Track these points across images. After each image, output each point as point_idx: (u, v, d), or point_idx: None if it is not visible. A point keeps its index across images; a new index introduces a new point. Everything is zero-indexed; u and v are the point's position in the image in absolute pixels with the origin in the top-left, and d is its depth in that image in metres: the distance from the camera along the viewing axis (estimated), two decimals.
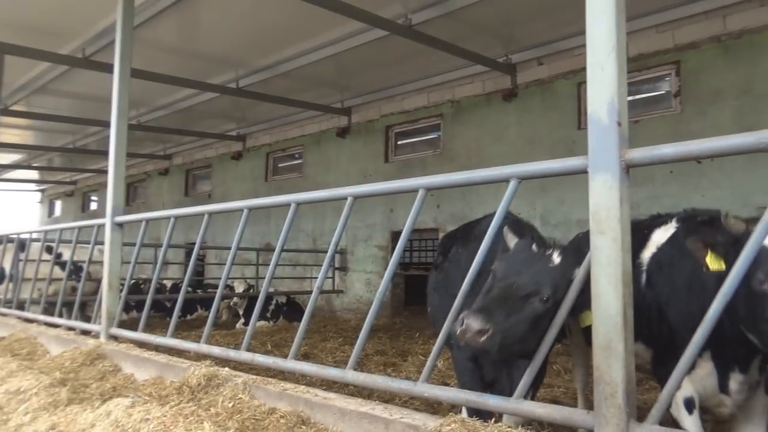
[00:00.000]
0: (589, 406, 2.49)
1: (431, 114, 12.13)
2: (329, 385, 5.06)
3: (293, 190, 5.13)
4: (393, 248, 11.73)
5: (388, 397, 4.99)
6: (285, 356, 3.98)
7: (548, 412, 2.54)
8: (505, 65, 10.43)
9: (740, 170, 7.75)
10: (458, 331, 2.44)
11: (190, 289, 11.22)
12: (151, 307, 5.74)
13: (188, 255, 14.36)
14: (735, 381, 2.90)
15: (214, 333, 9.28)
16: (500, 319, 2.45)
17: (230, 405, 3.47)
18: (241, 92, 11.67)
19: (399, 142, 12.97)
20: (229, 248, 4.72)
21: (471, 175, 3.14)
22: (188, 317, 11.75)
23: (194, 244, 5.03)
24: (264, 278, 4.89)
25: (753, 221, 2.11)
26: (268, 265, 4.38)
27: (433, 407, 4.75)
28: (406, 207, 3.29)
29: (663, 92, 9.13)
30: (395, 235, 12.18)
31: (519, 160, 3.24)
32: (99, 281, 6.76)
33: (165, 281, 12.74)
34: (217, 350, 4.58)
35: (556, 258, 2.69)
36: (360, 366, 6.48)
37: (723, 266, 2.57)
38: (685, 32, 8.65)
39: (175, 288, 12.25)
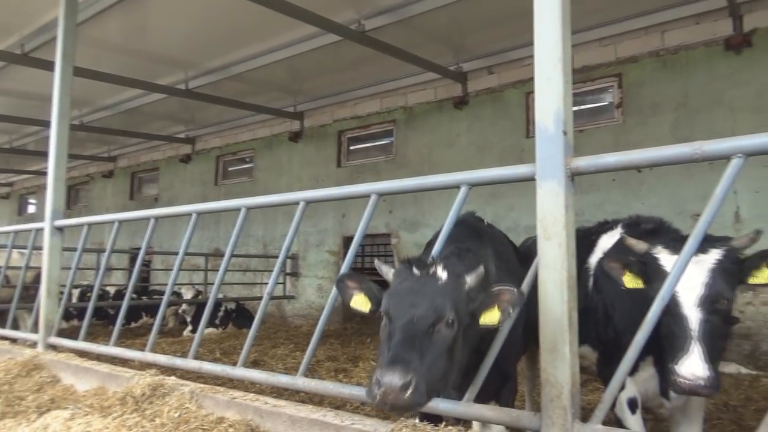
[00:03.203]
0: (537, 408, 2.54)
1: (384, 120, 12.19)
2: (280, 392, 4.99)
3: (243, 194, 5.07)
4: (345, 253, 11.68)
5: (339, 404, 4.96)
6: (234, 364, 3.91)
7: (497, 414, 2.58)
8: (457, 73, 10.61)
9: (677, 179, 8.13)
10: (377, 397, 2.06)
11: (134, 295, 10.86)
12: (94, 314, 5.53)
13: (133, 260, 13.91)
14: None
15: (160, 341, 9.01)
16: (417, 364, 2.13)
17: (176, 415, 3.37)
18: (191, 94, 11.42)
19: (351, 147, 12.97)
20: (176, 253, 4.60)
21: (423, 181, 3.17)
22: (133, 325, 11.35)
23: (139, 249, 4.88)
24: (213, 284, 4.79)
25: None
26: (217, 270, 4.29)
27: (384, 413, 4.75)
28: (358, 212, 3.28)
29: (606, 103, 9.48)
30: (347, 240, 12.16)
31: (470, 166, 3.30)
32: (19, 287, 6.43)
33: (108, 288, 12.28)
34: (163, 358, 4.45)
35: (442, 274, 2.41)
36: (311, 372, 6.42)
37: (640, 284, 2.73)
38: (627, 46, 9.03)
39: (119, 294, 11.83)
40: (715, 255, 2.56)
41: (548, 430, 2.39)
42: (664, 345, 2.59)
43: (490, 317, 2.42)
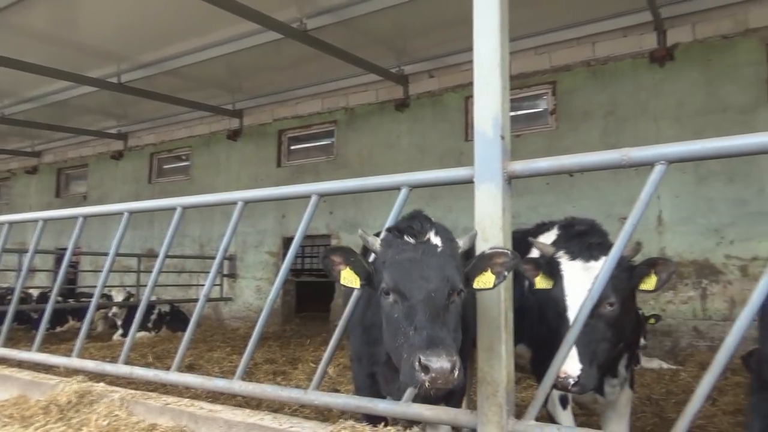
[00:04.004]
0: (473, 406, 2.60)
1: (325, 120, 12.14)
2: (216, 396, 4.87)
3: (179, 193, 4.91)
4: (284, 254, 11.56)
5: (277, 407, 4.89)
6: (168, 368, 3.78)
7: (435, 413, 2.62)
8: (398, 76, 10.70)
9: (606, 183, 8.52)
10: (425, 383, 1.99)
11: (60, 298, 10.33)
12: (15, 318, 5.21)
13: (59, 261, 13.21)
14: (609, 384, 3.19)
15: (88, 346, 8.60)
16: (451, 341, 2.09)
17: (105, 423, 3.23)
18: (123, 88, 10.97)
19: (292, 147, 12.84)
20: (106, 254, 4.41)
21: (364, 182, 3.18)
22: (58, 329, 10.77)
23: (66, 249, 4.64)
24: (146, 286, 4.62)
25: None
26: (151, 272, 4.14)
27: (324, 414, 4.72)
28: (298, 213, 3.25)
29: (541, 109, 9.83)
30: (287, 241, 12.03)
31: (410, 168, 3.33)
32: None
33: (31, 290, 11.61)
34: (91, 364, 4.25)
35: (437, 240, 2.34)
36: (249, 376, 6.30)
37: (550, 284, 2.86)
38: (560, 55, 9.39)
39: (43, 297, 11.20)
40: (602, 263, 2.69)
41: (484, 427, 2.44)
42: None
43: (485, 281, 2.35)
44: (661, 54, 8.48)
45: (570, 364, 2.51)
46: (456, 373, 1.99)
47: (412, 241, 2.31)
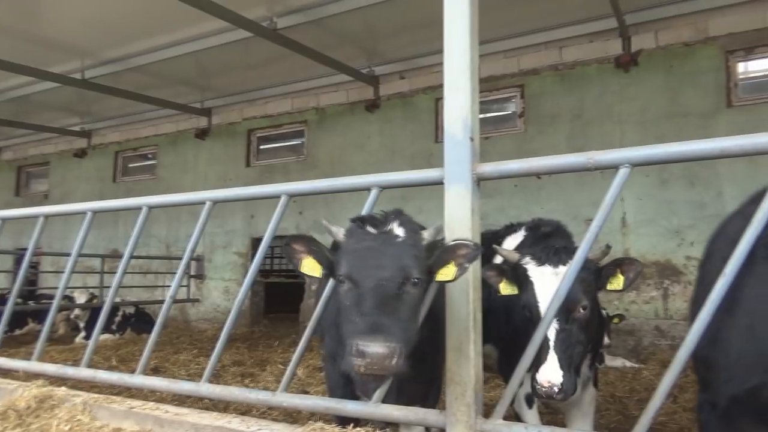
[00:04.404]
0: (442, 406, 2.61)
1: (295, 120, 12.06)
2: (182, 400, 4.79)
3: (145, 192, 4.82)
4: (253, 255, 11.44)
5: (245, 409, 4.84)
6: (132, 371, 3.70)
7: (404, 414, 2.63)
8: (369, 76, 10.70)
9: (572, 186, 8.68)
10: (360, 366, 1.97)
11: (20, 300, 10.01)
12: None
13: (18, 262, 12.81)
14: None
15: (49, 349, 8.36)
16: (395, 329, 2.07)
17: (67, 428, 3.14)
18: (87, 84, 10.69)
19: (261, 147, 12.72)
20: (68, 254, 4.29)
21: (334, 183, 3.17)
22: (17, 332, 10.44)
23: (26, 249, 4.50)
24: (110, 287, 4.49)
25: None
26: (115, 273, 4.05)
27: (293, 417, 4.69)
28: (267, 213, 3.21)
29: (510, 112, 9.96)
30: (256, 242, 11.91)
31: (380, 169, 3.34)
32: None
33: None
34: (52, 368, 4.13)
35: (399, 230, 2.33)
36: (216, 378, 6.21)
37: (515, 290, 2.91)
38: (529, 59, 9.53)
39: (2, 299, 10.84)
40: (572, 266, 2.75)
41: (453, 427, 2.46)
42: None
43: (446, 273, 2.37)
44: (625, 60, 8.69)
45: (552, 373, 2.54)
46: (395, 359, 1.96)
47: (373, 231, 2.32)
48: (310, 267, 2.46)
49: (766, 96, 8.03)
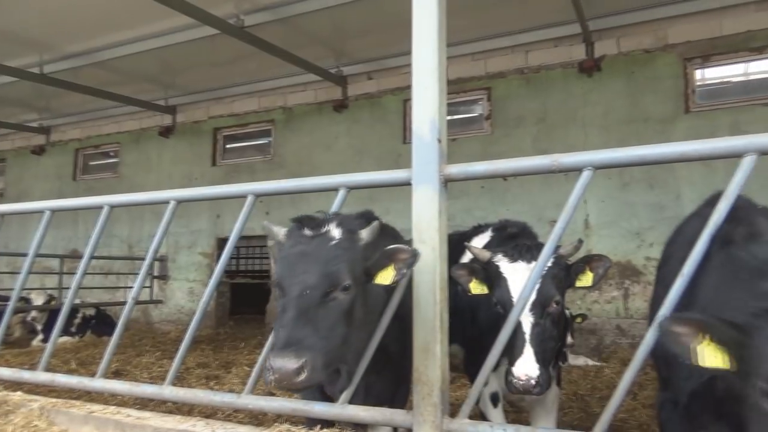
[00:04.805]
0: (410, 406, 2.62)
1: (262, 119, 11.95)
2: (144, 403, 4.70)
3: (107, 191, 4.70)
4: (219, 255, 11.27)
5: (210, 412, 4.77)
6: (93, 375, 3.60)
7: (371, 414, 2.63)
8: (337, 76, 10.67)
9: (537, 188, 8.83)
10: (271, 382, 1.99)
11: None
12: None
13: None
14: None
15: (3, 352, 8.07)
16: (312, 341, 2.04)
17: None
18: (46, 79, 10.36)
19: (227, 146, 12.56)
20: (25, 255, 4.16)
21: (301, 183, 3.15)
22: None
23: None
24: (69, 289, 4.35)
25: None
26: (74, 273, 3.94)
27: (258, 419, 4.64)
28: (234, 213, 3.18)
29: (477, 114, 10.07)
30: (221, 242, 11.74)
31: (348, 169, 3.33)
32: None
33: None
34: (7, 372, 3.99)
35: (335, 232, 2.30)
36: (180, 381, 6.11)
37: (485, 290, 2.95)
38: (495, 62, 9.66)
39: None
40: (547, 262, 2.81)
41: (420, 427, 2.47)
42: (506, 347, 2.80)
43: (384, 276, 2.37)
44: (589, 65, 8.88)
45: (529, 366, 2.57)
46: (304, 374, 1.97)
47: (308, 233, 2.29)
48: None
49: (721, 103, 8.33)
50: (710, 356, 1.75)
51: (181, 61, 10.17)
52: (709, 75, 8.60)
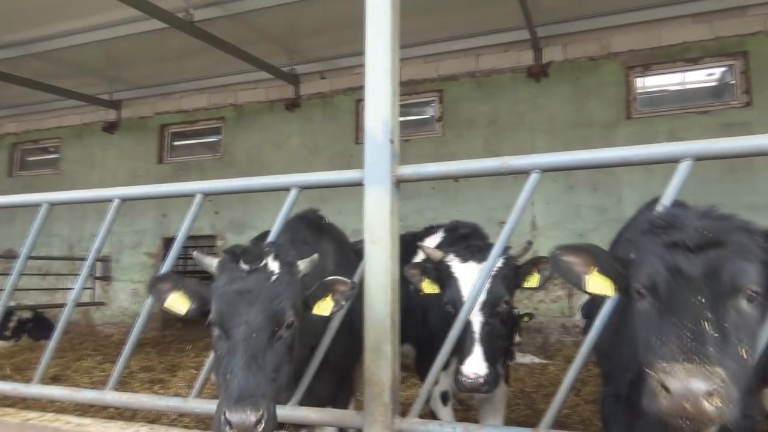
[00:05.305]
0: (359, 406, 2.63)
1: (212, 116, 11.71)
2: (85, 409, 4.53)
3: (47, 188, 4.48)
4: (165, 256, 10.96)
5: (154, 417, 4.65)
6: (29, 380, 3.44)
7: (321, 416, 2.62)
8: (290, 75, 10.58)
9: (487, 189, 9.00)
10: None
11: None
12: None
13: None
14: None
15: None
16: (265, 388, 2.01)
17: None
18: None
19: (175, 143, 12.24)
20: None
21: (252, 182, 3.11)
22: None
23: None
24: (3, 290, 4.11)
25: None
26: (9, 274, 3.76)
27: (206, 423, 4.54)
28: (181, 212, 3.09)
29: (428, 116, 10.17)
30: (168, 242, 11.43)
31: (300, 169, 3.31)
32: None
33: None
34: None
35: (274, 265, 2.23)
36: (123, 385, 5.91)
37: (437, 289, 3.01)
38: (447, 65, 9.79)
39: None
40: (496, 262, 2.88)
41: (370, 427, 2.48)
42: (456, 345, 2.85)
43: (323, 307, 2.36)
44: (536, 70, 9.12)
45: (478, 365, 2.61)
46: (261, 427, 1.93)
47: (245, 267, 2.20)
48: (177, 302, 2.36)
49: (660, 110, 8.72)
50: (597, 284, 1.96)
51: (127, 54, 9.85)
52: (648, 83, 8.98)
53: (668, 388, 1.48)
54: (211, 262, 2.33)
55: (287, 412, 2.66)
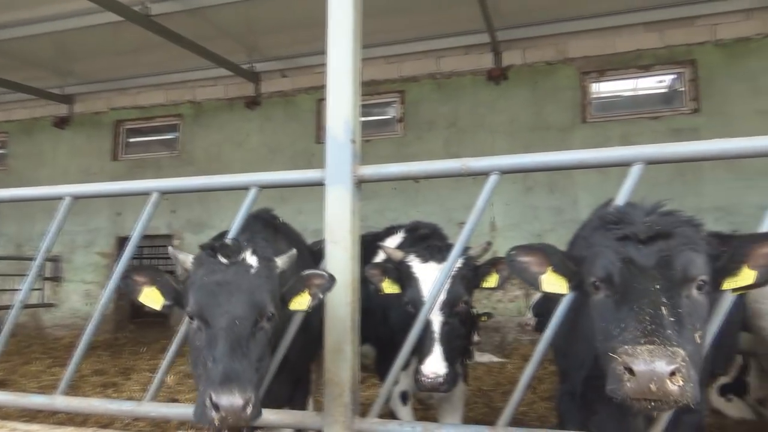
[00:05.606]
0: (319, 407, 2.61)
1: (169, 113, 11.45)
2: (33, 415, 4.37)
3: None
4: (119, 255, 10.65)
5: (107, 422, 4.51)
6: None
7: (280, 417, 2.59)
8: (250, 72, 10.44)
9: (447, 190, 9.09)
10: (215, 421, 1.90)
11: None
12: None
13: None
14: None
15: None
16: (250, 374, 1.99)
17: None
18: None
19: (131, 140, 11.92)
20: None
21: (210, 181, 3.05)
22: None
23: None
24: None
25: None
26: None
27: (161, 427, 4.44)
28: (136, 211, 3.01)
29: (390, 117, 10.21)
30: (122, 241, 11.11)
31: (260, 168, 3.26)
32: None
33: None
34: None
35: (252, 260, 2.23)
36: (74, 390, 5.71)
37: (397, 289, 3.02)
38: (409, 66, 9.85)
39: None
40: (455, 263, 2.91)
41: (330, 427, 2.47)
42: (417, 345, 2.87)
43: (300, 302, 2.34)
44: (496, 73, 9.27)
45: (437, 364, 2.63)
46: (249, 410, 1.92)
47: (224, 261, 2.18)
48: (151, 297, 2.32)
49: (614, 115, 9.00)
50: (552, 282, 2.00)
51: (80, 47, 9.54)
52: (603, 88, 9.25)
53: (633, 370, 1.52)
54: (186, 258, 2.30)
55: None
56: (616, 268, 1.75)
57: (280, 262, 2.36)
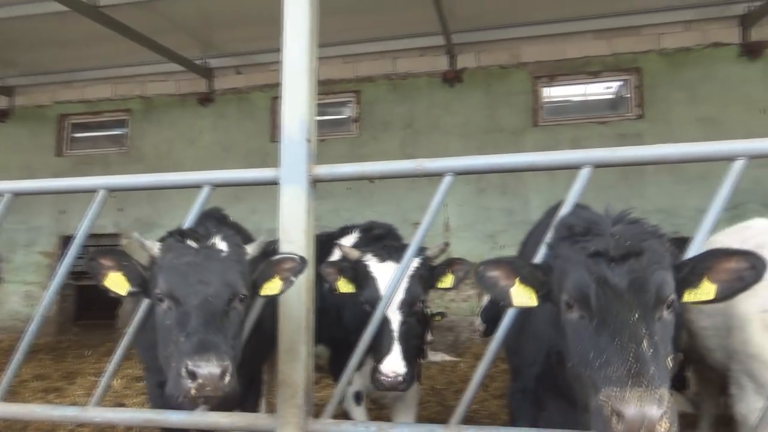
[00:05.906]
0: (271, 408, 2.58)
1: (118, 108, 11.09)
2: None
3: None
4: (63, 255, 10.23)
5: (49, 428, 4.35)
6: None
7: (232, 420, 2.54)
8: (203, 68, 10.23)
9: (402, 191, 9.15)
10: (191, 390, 1.85)
11: None
12: None
13: None
14: None
15: None
16: (226, 347, 1.96)
17: None
18: None
19: (76, 135, 11.48)
20: None
21: (161, 178, 2.96)
22: None
23: None
24: None
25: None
26: None
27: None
28: (82, 209, 2.90)
29: (345, 116, 10.19)
30: (66, 240, 10.69)
31: (213, 166, 3.20)
32: None
33: None
34: None
35: (222, 245, 2.23)
36: (13, 395, 5.45)
37: (352, 288, 3.03)
38: (365, 67, 9.86)
39: None
40: (413, 263, 2.93)
41: (283, 429, 2.44)
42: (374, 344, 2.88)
43: (271, 287, 2.31)
44: (451, 76, 9.39)
45: (397, 363, 2.63)
46: (227, 378, 1.89)
47: (194, 245, 2.18)
48: (116, 283, 2.26)
49: (564, 119, 9.25)
50: (521, 294, 1.98)
51: (22, 37, 9.11)
52: (554, 93, 9.51)
53: (623, 415, 1.53)
54: (153, 245, 2.26)
55: (196, 418, 2.57)
56: (591, 290, 1.73)
57: (250, 249, 2.35)
